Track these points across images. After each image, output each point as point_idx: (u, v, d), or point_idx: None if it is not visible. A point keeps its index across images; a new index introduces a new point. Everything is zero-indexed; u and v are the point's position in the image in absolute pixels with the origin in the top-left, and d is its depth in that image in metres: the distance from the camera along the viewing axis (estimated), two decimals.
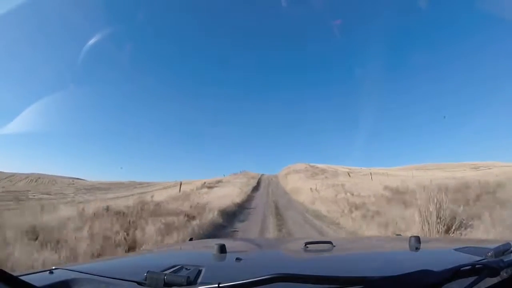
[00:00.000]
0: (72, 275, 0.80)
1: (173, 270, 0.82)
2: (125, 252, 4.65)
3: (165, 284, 0.68)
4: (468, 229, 5.19)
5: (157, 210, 8.73)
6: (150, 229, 5.89)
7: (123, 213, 7.55)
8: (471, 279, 0.68)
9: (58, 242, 4.70)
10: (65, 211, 7.91)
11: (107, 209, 7.88)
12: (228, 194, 16.29)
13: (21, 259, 3.75)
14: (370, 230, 6.57)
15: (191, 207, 10.09)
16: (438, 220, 5.16)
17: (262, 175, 45.16)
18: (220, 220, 8.75)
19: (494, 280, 0.69)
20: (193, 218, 8.01)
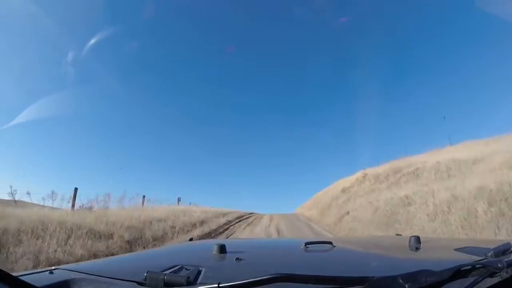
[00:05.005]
0: (72, 275, 0.80)
1: (173, 270, 0.82)
2: None
3: (165, 284, 0.68)
4: None
5: None
6: None
7: None
8: (471, 279, 0.68)
9: None
10: None
11: None
12: None
13: None
14: None
15: None
16: None
17: (251, 214, 19.36)
18: None
19: (494, 280, 0.69)
20: None
